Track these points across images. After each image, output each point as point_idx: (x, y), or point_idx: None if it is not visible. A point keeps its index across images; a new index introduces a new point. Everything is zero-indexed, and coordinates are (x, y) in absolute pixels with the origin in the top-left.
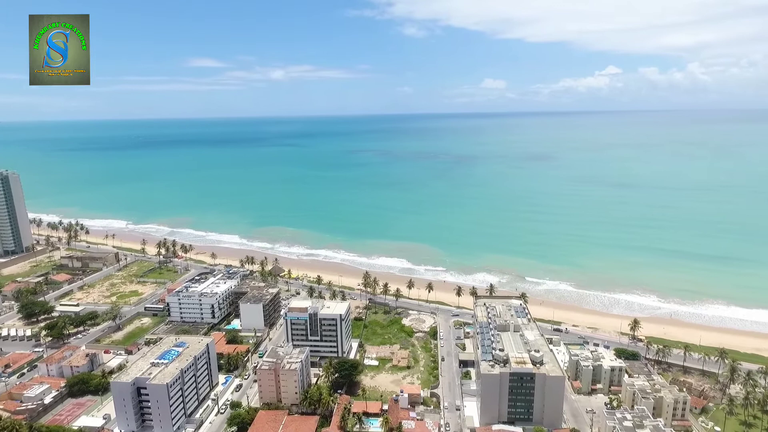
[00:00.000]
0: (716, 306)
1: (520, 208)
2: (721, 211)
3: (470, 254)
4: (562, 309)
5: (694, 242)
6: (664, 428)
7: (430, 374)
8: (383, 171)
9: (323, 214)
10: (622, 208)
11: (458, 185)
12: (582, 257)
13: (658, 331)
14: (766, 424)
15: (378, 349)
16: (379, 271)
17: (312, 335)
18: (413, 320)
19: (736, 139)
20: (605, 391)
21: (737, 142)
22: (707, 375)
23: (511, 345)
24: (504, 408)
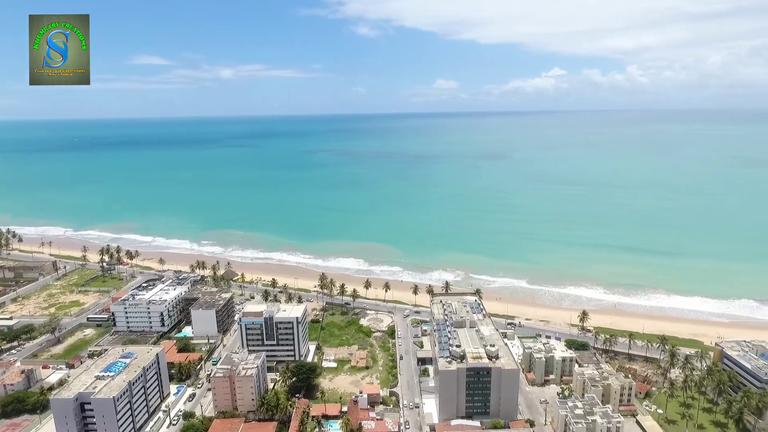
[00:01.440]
0: (657, 296)
1: (475, 207)
2: (660, 207)
3: (426, 253)
4: (516, 304)
5: (637, 237)
6: (612, 414)
7: (389, 373)
8: (339, 171)
9: (278, 216)
10: (571, 205)
11: (414, 184)
12: (534, 253)
13: (605, 321)
14: (703, 404)
15: (336, 351)
16: (335, 273)
17: (268, 339)
18: (371, 320)
19: (671, 138)
20: (557, 382)
21: (673, 141)
22: (650, 361)
23: (467, 341)
24: (462, 403)
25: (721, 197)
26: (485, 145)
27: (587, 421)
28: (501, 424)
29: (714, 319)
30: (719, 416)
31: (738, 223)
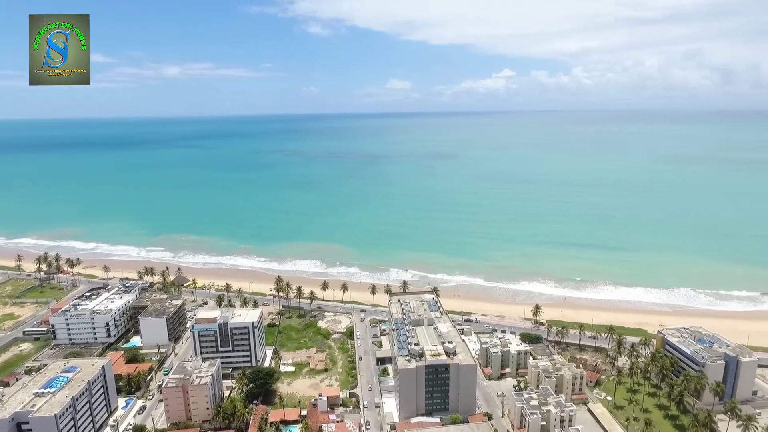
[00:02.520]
0: (605, 288)
1: (429, 206)
2: (606, 204)
3: (383, 253)
4: (472, 300)
5: (584, 233)
6: (565, 403)
7: (348, 375)
8: (293, 171)
9: (231, 219)
10: (522, 203)
11: (369, 184)
12: (488, 251)
13: (556, 314)
14: (648, 389)
15: (294, 354)
16: (292, 275)
17: (223, 346)
18: (329, 322)
19: (614, 137)
20: (513, 375)
21: (615, 140)
22: (599, 351)
23: (425, 338)
24: (421, 400)
25: (659, 193)
26: (438, 145)
27: (542, 411)
28: (460, 419)
29: (656, 309)
30: (662, 400)
31: (675, 218)
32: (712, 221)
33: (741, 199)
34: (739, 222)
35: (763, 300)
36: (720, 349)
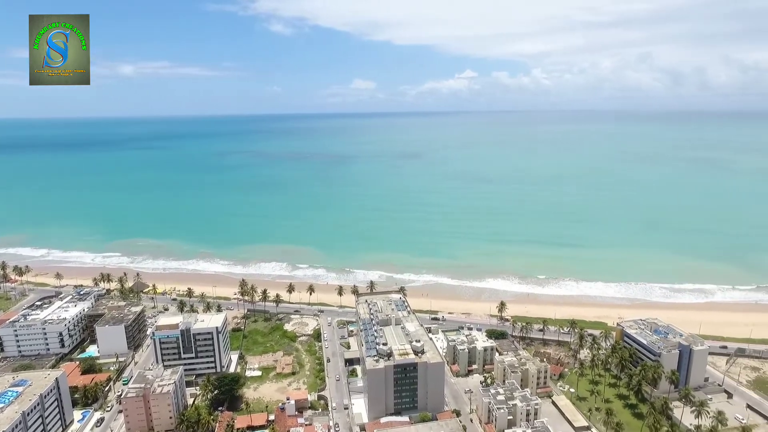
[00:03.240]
0: (567, 284)
1: (395, 206)
2: (565, 202)
3: (350, 253)
4: (439, 299)
5: (546, 230)
6: (531, 397)
7: (316, 377)
8: (257, 173)
9: (191, 222)
10: (486, 202)
11: (335, 185)
12: (454, 249)
13: (521, 310)
14: (608, 380)
15: (260, 359)
16: (257, 278)
17: (185, 352)
18: (296, 324)
19: (573, 137)
20: (480, 371)
21: (574, 139)
22: (562, 344)
23: (393, 338)
24: (390, 400)
25: (615, 190)
26: (403, 145)
27: (508, 405)
28: (429, 417)
29: (615, 302)
30: (622, 389)
31: (630, 214)
32: (664, 217)
33: (688, 195)
34: (689, 217)
35: (713, 292)
36: (674, 339)
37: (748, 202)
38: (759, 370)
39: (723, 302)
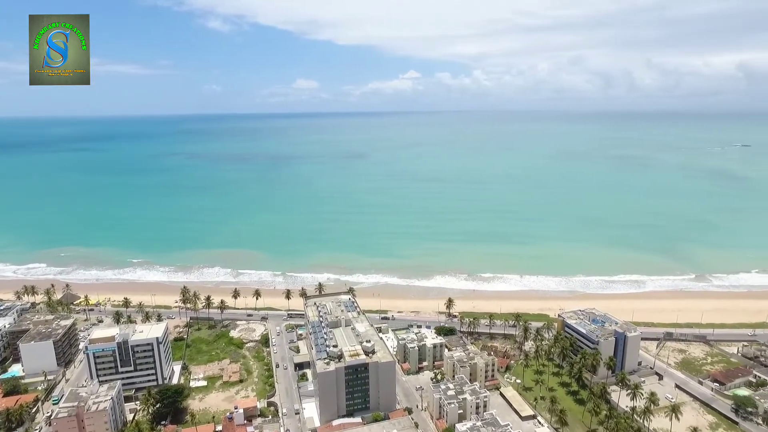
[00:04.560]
0: (511, 278)
1: (341, 206)
2: (506, 199)
3: (296, 256)
4: (389, 298)
5: (489, 226)
6: (480, 390)
7: (265, 383)
8: (196, 175)
9: (126, 228)
10: (432, 201)
11: (279, 186)
12: (402, 248)
13: (468, 306)
14: (552, 369)
15: (205, 368)
16: (199, 285)
17: (123, 366)
18: (242, 331)
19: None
20: (430, 368)
21: (514, 139)
22: (508, 337)
23: (344, 339)
24: (342, 402)
25: (552, 187)
26: (348, 145)
27: (458, 400)
28: (381, 416)
29: (557, 295)
30: (565, 377)
31: (567, 210)
32: (599, 213)
33: (619, 191)
34: (620, 213)
35: (644, 281)
36: (611, 327)
37: (671, 196)
38: (685, 352)
39: (653, 291)
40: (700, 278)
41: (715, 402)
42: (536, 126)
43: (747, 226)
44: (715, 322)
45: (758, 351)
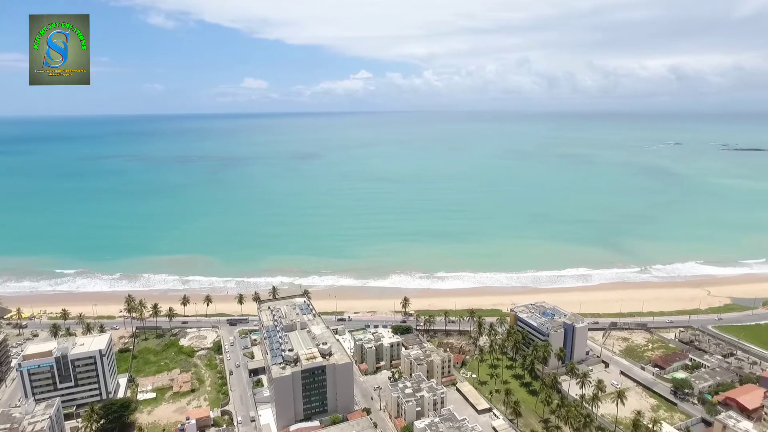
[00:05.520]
0: (465, 275)
1: (294, 208)
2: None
3: (249, 259)
4: (344, 299)
5: (444, 225)
6: (436, 387)
7: (218, 392)
8: (141, 178)
9: (65, 236)
10: (386, 201)
11: (229, 188)
12: (357, 249)
13: (423, 304)
14: (506, 363)
15: (154, 379)
16: (146, 292)
17: (63, 382)
18: (193, 338)
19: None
20: (388, 367)
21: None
22: (463, 333)
23: (299, 343)
24: (299, 406)
25: (502, 185)
26: (300, 145)
27: (416, 397)
28: (339, 418)
29: (509, 290)
30: (518, 370)
31: (517, 207)
32: (546, 209)
33: (564, 188)
34: (566, 209)
35: (590, 274)
36: (560, 319)
37: (614, 192)
38: (628, 340)
39: (599, 283)
40: (641, 269)
41: (656, 386)
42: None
43: (681, 219)
44: (655, 310)
45: (693, 336)
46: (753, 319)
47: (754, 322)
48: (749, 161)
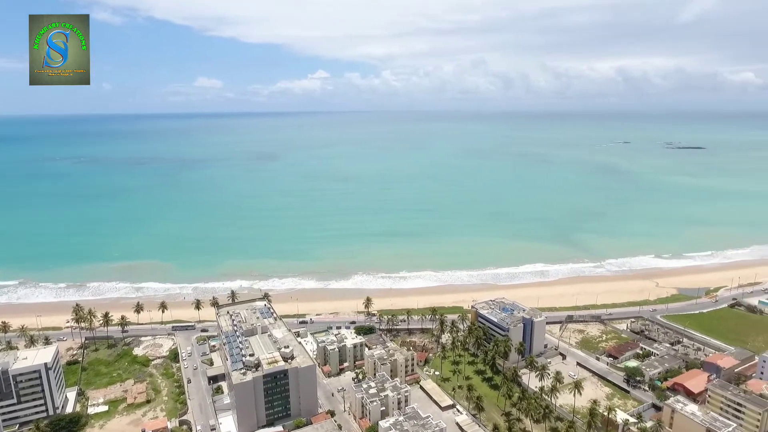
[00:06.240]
0: (427, 273)
1: (253, 210)
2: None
3: (206, 263)
4: (306, 301)
5: (405, 224)
6: (401, 385)
7: (176, 401)
8: (86, 182)
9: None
10: (347, 201)
11: (184, 191)
12: (318, 250)
13: (386, 303)
14: (468, 359)
15: (106, 391)
16: (96, 301)
17: (4, 399)
18: (148, 347)
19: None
20: (351, 368)
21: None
22: (426, 332)
23: (260, 347)
24: (261, 412)
25: (461, 184)
26: (258, 146)
27: (380, 397)
28: (303, 422)
29: (470, 287)
30: (480, 365)
31: (475, 205)
32: (505, 207)
33: (522, 186)
34: (524, 206)
35: (547, 269)
36: (519, 314)
37: (568, 189)
38: (584, 332)
39: (555, 278)
40: (596, 264)
41: (610, 375)
42: (444, 125)
43: (631, 214)
44: (608, 302)
45: (643, 326)
46: (697, 308)
47: (698, 311)
48: (691, 159)
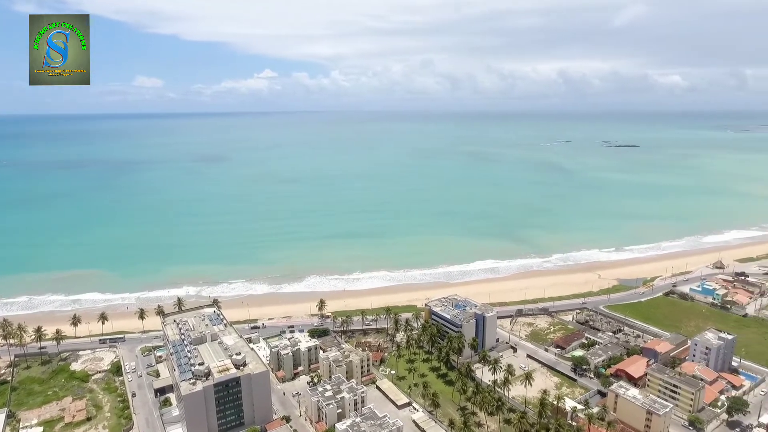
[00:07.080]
0: (380, 273)
1: (198, 214)
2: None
3: (149, 270)
4: (257, 306)
5: (356, 225)
6: (357, 386)
7: (120, 417)
8: (11, 187)
9: None
10: (296, 203)
11: (124, 195)
12: (268, 253)
13: (340, 305)
14: (422, 356)
15: (40, 411)
16: (27, 315)
17: None
18: (87, 362)
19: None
20: (306, 372)
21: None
22: (380, 331)
23: (210, 355)
24: (213, 422)
25: (410, 183)
26: (203, 147)
27: (337, 399)
28: (257, 430)
29: (422, 285)
30: (434, 362)
31: (425, 204)
32: (454, 206)
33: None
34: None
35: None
36: (471, 310)
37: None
38: (533, 325)
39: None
40: (542, 259)
41: (559, 365)
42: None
43: (574, 210)
44: (555, 295)
45: (587, 317)
46: (636, 297)
47: (637, 300)
48: (626, 157)
